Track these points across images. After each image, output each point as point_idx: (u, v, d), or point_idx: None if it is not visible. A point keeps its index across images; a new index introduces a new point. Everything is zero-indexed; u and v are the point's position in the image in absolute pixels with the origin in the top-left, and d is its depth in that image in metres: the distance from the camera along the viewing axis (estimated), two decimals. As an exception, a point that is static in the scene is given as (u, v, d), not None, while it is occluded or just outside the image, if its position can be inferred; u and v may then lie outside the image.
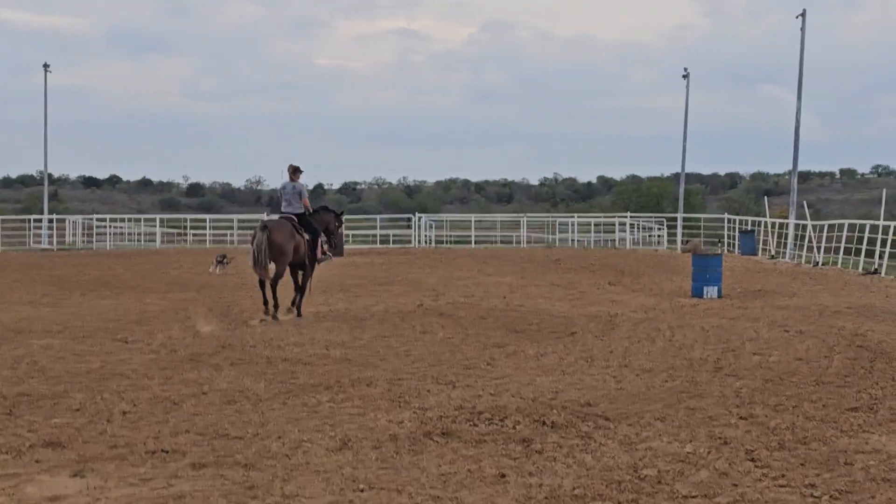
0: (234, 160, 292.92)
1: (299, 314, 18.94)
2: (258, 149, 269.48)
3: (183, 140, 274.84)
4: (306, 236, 19.16)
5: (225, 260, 31.60)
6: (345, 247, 43.02)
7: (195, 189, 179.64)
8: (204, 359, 13.63)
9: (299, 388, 11.58)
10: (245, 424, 9.71)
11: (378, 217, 59.84)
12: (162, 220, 55.89)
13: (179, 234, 56.63)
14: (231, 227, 54.60)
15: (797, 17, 42.61)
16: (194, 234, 55.91)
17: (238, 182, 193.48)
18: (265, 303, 18.50)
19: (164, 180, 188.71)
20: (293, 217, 19.17)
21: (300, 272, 19.46)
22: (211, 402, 10.78)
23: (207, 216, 60.44)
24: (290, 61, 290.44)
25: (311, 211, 19.72)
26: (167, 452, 8.60)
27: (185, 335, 15.92)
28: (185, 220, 58.55)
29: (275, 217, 19.85)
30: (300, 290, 19.44)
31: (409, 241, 52.85)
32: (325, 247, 19.92)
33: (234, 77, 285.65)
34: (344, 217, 23.10)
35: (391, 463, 8.30)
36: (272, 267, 18.42)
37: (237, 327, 17.06)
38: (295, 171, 19.48)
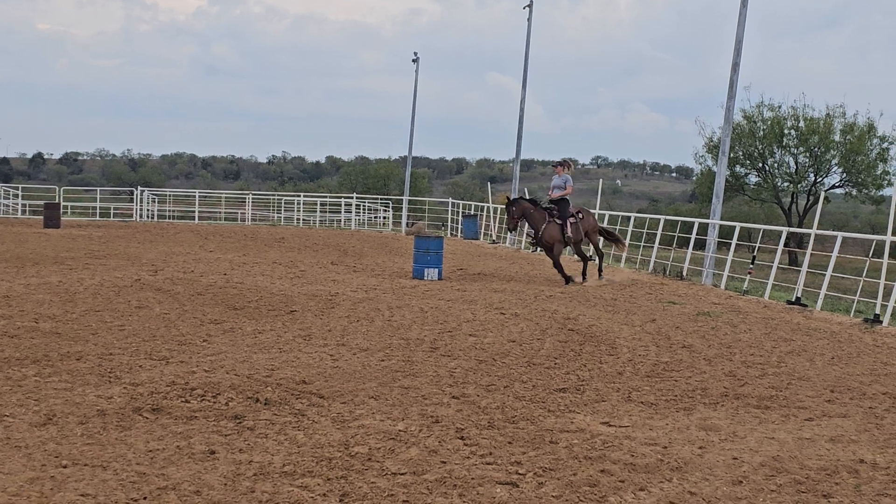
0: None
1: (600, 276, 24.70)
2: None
3: None
4: (558, 221, 23.57)
5: None
6: (62, 219, 41.75)
7: None
8: None
9: (3, 361, 11.10)
10: (-58, 399, 9.27)
11: (98, 189, 58.21)
12: None
13: None
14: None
15: (524, 8, 43.77)
16: None
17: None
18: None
19: None
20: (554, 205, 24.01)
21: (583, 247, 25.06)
22: None
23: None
24: (7, 25, 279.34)
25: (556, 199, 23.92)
26: None
27: None
28: None
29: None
30: (584, 260, 24.89)
31: (131, 216, 51.68)
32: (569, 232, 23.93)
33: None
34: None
35: (97, 439, 8.06)
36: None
37: None
38: (556, 166, 24.49)
